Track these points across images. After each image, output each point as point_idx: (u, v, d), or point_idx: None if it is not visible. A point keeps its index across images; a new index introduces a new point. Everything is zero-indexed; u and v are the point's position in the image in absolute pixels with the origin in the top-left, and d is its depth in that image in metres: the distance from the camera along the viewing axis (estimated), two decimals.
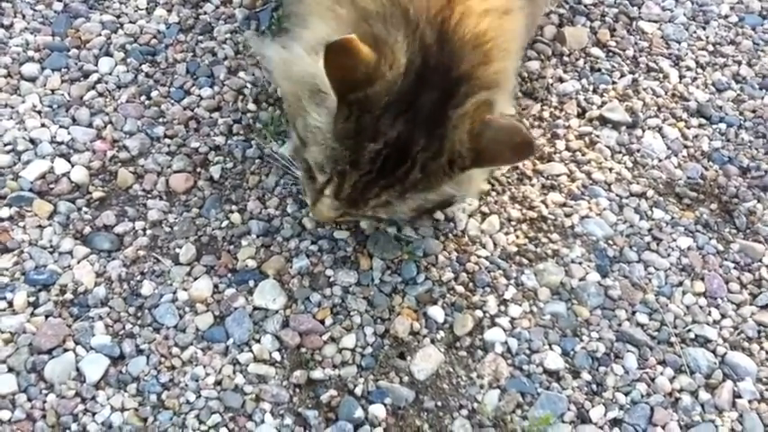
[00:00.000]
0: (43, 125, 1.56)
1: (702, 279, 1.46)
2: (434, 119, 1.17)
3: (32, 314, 1.34)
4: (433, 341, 1.36)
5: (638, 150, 1.62)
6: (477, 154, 1.16)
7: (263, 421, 1.27)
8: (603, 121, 1.66)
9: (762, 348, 1.39)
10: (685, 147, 1.64)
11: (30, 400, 1.26)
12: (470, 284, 1.42)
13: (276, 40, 1.38)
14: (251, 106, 1.62)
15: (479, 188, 1.45)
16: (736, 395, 1.34)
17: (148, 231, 1.45)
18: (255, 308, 1.37)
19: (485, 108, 1.18)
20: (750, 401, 1.34)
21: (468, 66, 1.18)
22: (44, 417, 1.25)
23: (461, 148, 1.16)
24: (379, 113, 1.15)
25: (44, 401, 1.26)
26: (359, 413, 1.27)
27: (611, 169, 1.59)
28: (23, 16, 1.74)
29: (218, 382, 1.30)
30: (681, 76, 1.76)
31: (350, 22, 1.20)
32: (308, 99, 1.20)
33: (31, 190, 1.47)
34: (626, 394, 1.33)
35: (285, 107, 1.40)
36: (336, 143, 1.18)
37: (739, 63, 1.80)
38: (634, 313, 1.41)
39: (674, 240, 1.50)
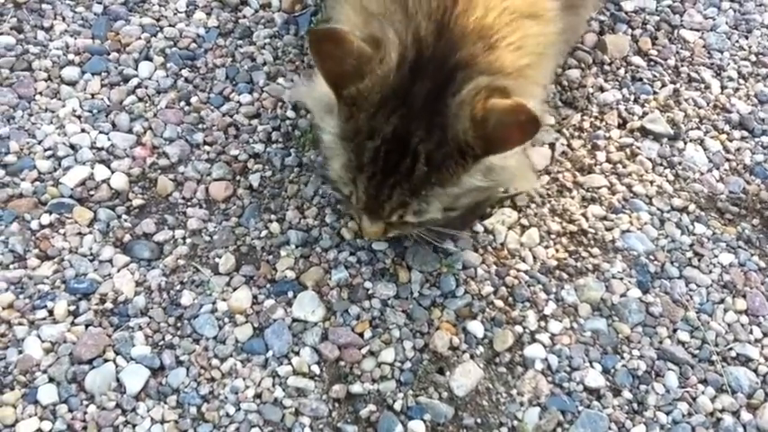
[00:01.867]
0: (83, 130, 1.56)
1: (744, 296, 1.44)
2: (431, 109, 1.15)
3: (73, 323, 1.34)
4: (472, 356, 1.35)
5: (680, 163, 1.60)
6: (486, 141, 1.13)
7: None
8: (645, 132, 1.64)
9: None
10: (727, 160, 1.62)
11: (71, 410, 1.26)
12: (510, 299, 1.41)
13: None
14: (290, 113, 1.61)
15: (524, 176, 1.38)
16: None
17: (188, 240, 1.45)
18: (294, 320, 1.37)
19: (488, 93, 1.13)
20: None
21: (467, 53, 1.17)
22: (85, 428, 1.25)
23: (468, 137, 1.13)
24: (374, 110, 1.16)
25: (85, 413, 1.26)
26: (398, 429, 1.27)
27: (652, 182, 1.57)
28: (63, 18, 1.74)
29: (258, 395, 1.30)
30: (723, 87, 1.74)
31: (357, 28, 1.21)
32: (323, 114, 1.23)
33: (71, 196, 1.48)
34: (667, 414, 1.31)
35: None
36: (343, 147, 1.20)
37: None
38: (675, 331, 1.40)
39: (716, 256, 1.49)
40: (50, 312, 1.35)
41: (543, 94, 1.35)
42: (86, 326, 1.34)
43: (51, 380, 1.29)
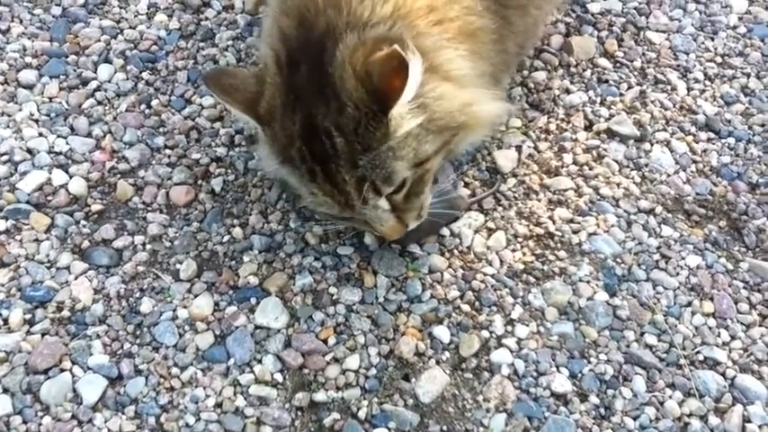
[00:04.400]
0: (41, 135, 1.53)
1: (711, 299, 1.43)
2: (318, 84, 1.16)
3: (28, 332, 1.32)
4: (438, 362, 1.33)
5: (647, 165, 1.59)
6: (376, 94, 1.13)
7: None
8: (611, 134, 1.63)
9: None
10: (694, 162, 1.61)
11: (25, 422, 1.23)
12: (476, 303, 1.39)
13: None
14: None
15: (484, 102, 1.29)
16: (746, 419, 1.31)
17: (148, 246, 1.42)
18: (257, 327, 1.34)
19: (371, 47, 1.12)
20: (760, 426, 1.30)
21: (325, 22, 1.18)
22: None
23: (360, 95, 1.13)
24: (281, 116, 1.19)
25: (40, 424, 1.23)
26: None
27: (618, 184, 1.56)
28: (21, 21, 1.72)
29: (219, 405, 1.27)
30: (689, 89, 1.73)
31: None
32: (273, 164, 1.28)
33: (28, 202, 1.45)
34: (634, 419, 1.30)
35: None
36: (286, 170, 1.24)
37: (748, 75, 1.77)
38: (642, 334, 1.38)
39: (683, 259, 1.48)
40: (5, 321, 1.32)
41: (477, 62, 1.29)
42: (42, 335, 1.31)
43: (5, 390, 1.26)
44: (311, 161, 1.19)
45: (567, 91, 1.70)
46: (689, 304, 1.42)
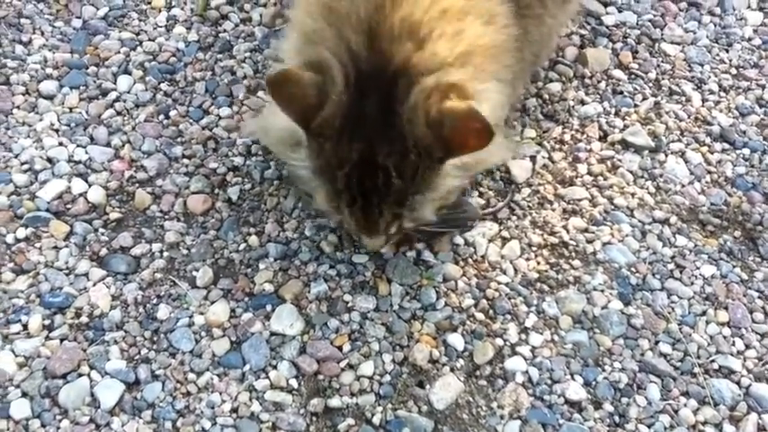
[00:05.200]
0: (61, 144, 1.55)
1: (726, 308, 1.43)
2: (385, 122, 1.14)
3: (47, 338, 1.33)
4: (452, 369, 1.34)
5: (661, 175, 1.59)
6: (444, 144, 1.12)
7: None
8: (626, 145, 1.64)
9: None
10: (708, 172, 1.62)
11: (43, 426, 1.24)
12: (490, 311, 1.40)
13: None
14: None
15: (500, 152, 1.37)
16: (761, 428, 1.31)
17: (165, 253, 1.43)
18: (273, 333, 1.35)
19: (441, 93, 1.12)
20: None
21: (401, 57, 1.14)
22: None
23: (427, 141, 1.13)
24: (337, 137, 1.15)
25: (58, 427, 1.24)
26: None
27: (633, 194, 1.56)
28: (42, 33, 1.74)
29: (234, 410, 1.28)
30: (704, 100, 1.74)
31: (299, 52, 1.22)
32: (291, 152, 1.24)
33: (47, 210, 1.46)
34: (649, 426, 1.30)
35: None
36: (321, 182, 1.21)
37: (763, 87, 1.77)
38: (657, 343, 1.38)
39: (698, 268, 1.48)
40: (25, 326, 1.34)
41: (505, 91, 1.31)
42: (61, 340, 1.32)
43: (24, 394, 1.27)
44: (356, 190, 1.18)
45: (582, 102, 1.70)
46: (703, 313, 1.42)
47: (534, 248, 1.48)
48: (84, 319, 1.35)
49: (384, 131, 1.14)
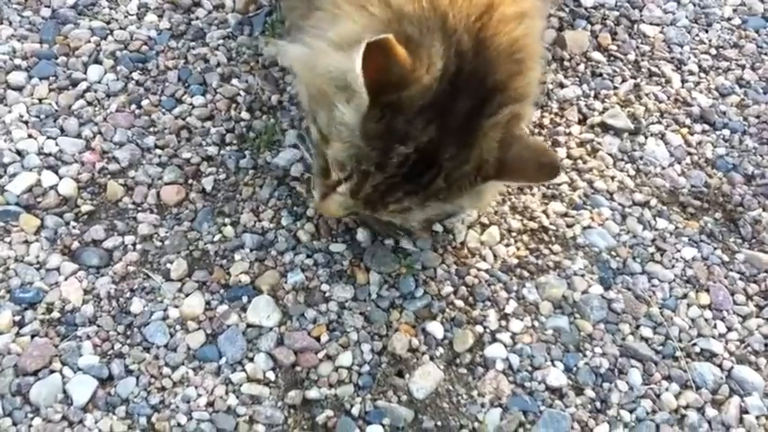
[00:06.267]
0: (30, 136, 1.52)
1: (707, 291, 1.43)
2: (466, 128, 1.13)
3: (18, 334, 1.30)
4: (432, 358, 1.32)
5: (641, 158, 1.58)
6: (502, 165, 1.14)
7: None
8: (605, 127, 1.62)
9: None
10: (689, 154, 1.60)
11: (15, 424, 1.21)
12: (470, 298, 1.38)
13: (291, 41, 1.33)
14: (244, 115, 1.58)
15: (489, 202, 1.44)
16: (744, 411, 1.31)
17: (138, 246, 1.41)
18: (249, 325, 1.33)
19: (516, 121, 1.17)
20: (758, 417, 1.30)
21: (504, 75, 1.15)
22: None
23: (489, 157, 1.14)
24: (412, 117, 1.11)
25: (30, 426, 1.21)
26: None
27: (613, 178, 1.55)
28: (10, 23, 1.70)
29: (211, 404, 1.26)
30: (683, 81, 1.73)
31: (382, 22, 1.15)
32: (337, 95, 1.15)
33: (17, 204, 1.43)
34: (631, 411, 1.29)
35: (305, 101, 1.34)
36: (364, 142, 1.13)
37: (743, 67, 1.76)
38: (638, 327, 1.37)
39: (678, 251, 1.47)
40: None
41: None
42: (32, 336, 1.30)
43: None
44: (403, 170, 1.14)
45: (561, 85, 1.69)
46: (685, 296, 1.42)
47: (514, 234, 1.46)
48: (55, 314, 1.32)
49: (460, 135, 1.13)
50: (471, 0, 1.14)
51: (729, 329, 1.39)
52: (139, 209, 1.45)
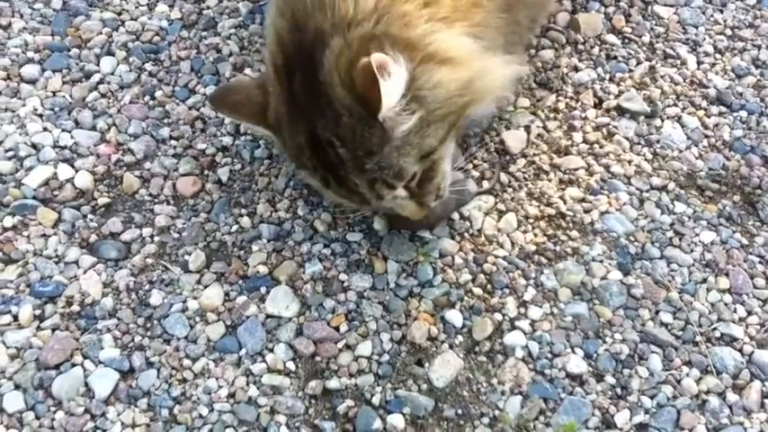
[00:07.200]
0: (45, 129, 1.52)
1: (727, 275, 1.41)
2: (313, 93, 1.14)
3: (39, 328, 1.31)
4: (451, 346, 1.32)
5: (658, 141, 1.57)
6: (362, 101, 1.10)
7: None
8: (621, 111, 1.61)
9: None
10: (706, 136, 1.59)
11: (38, 418, 1.23)
12: (488, 286, 1.38)
13: None
14: None
15: (491, 78, 1.23)
16: (765, 395, 1.30)
17: (156, 238, 1.41)
18: (268, 316, 1.33)
19: (349, 52, 1.10)
20: None
21: (314, 27, 1.14)
22: None
23: (349, 102, 1.11)
24: (288, 128, 1.18)
25: (53, 419, 1.23)
26: (377, 424, 1.24)
27: (630, 162, 1.54)
28: (21, 15, 1.70)
29: (232, 395, 1.26)
30: (699, 62, 1.71)
31: None
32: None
33: (34, 197, 1.44)
34: (651, 397, 1.29)
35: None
36: (298, 172, 1.24)
37: (759, 47, 1.74)
38: (658, 312, 1.37)
39: (697, 235, 1.46)
40: (15, 317, 1.32)
41: (474, 36, 1.22)
42: (53, 330, 1.31)
43: (17, 387, 1.25)
44: (322, 169, 1.19)
45: (576, 69, 1.67)
46: (704, 281, 1.41)
47: (531, 220, 1.46)
48: (75, 307, 1.33)
49: (315, 105, 1.14)
50: None
51: (749, 313, 1.38)
52: (156, 201, 1.45)
